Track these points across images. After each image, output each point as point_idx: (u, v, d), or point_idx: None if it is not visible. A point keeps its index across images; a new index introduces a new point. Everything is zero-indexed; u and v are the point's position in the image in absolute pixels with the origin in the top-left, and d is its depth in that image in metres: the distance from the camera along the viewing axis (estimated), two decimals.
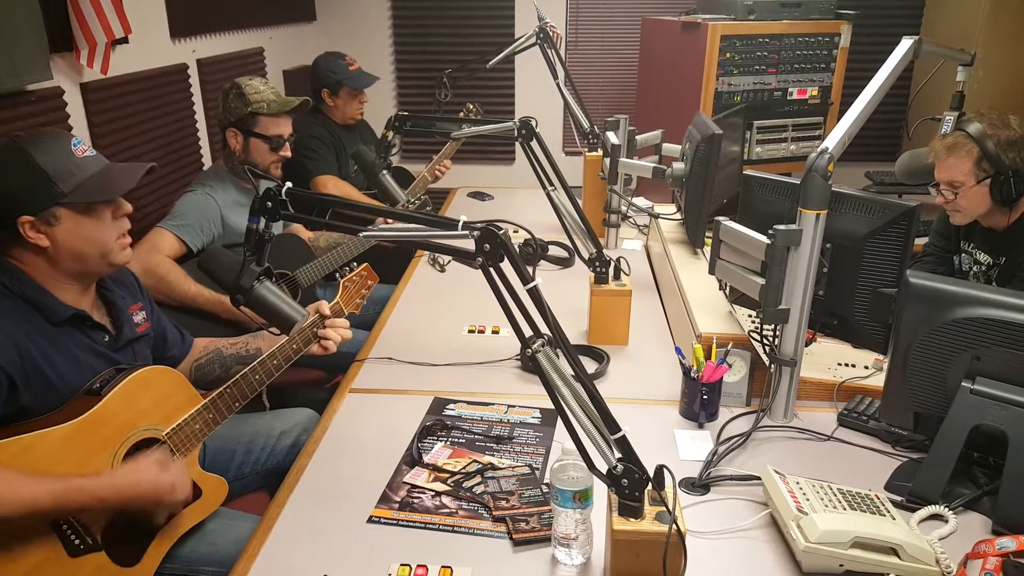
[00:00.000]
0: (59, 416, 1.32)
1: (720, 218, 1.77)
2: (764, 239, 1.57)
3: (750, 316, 1.90)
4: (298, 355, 1.67)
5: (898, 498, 1.43)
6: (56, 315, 1.39)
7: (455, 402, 1.81)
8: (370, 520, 1.41)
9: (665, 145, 2.92)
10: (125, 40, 2.31)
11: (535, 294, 1.20)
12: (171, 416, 1.47)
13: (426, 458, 1.58)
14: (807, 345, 1.67)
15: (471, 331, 2.20)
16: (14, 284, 1.36)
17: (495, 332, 2.19)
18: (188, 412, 1.49)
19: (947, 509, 1.39)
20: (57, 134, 1.43)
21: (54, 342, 1.38)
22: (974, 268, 2.22)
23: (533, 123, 2.24)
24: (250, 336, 1.79)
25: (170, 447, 1.46)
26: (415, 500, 1.46)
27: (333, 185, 3.07)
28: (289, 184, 1.40)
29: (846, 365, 1.85)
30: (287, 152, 2.40)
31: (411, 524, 1.40)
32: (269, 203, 1.39)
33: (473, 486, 1.49)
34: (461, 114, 3.26)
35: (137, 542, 1.40)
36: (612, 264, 2.07)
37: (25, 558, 1.24)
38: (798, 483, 1.37)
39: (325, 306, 1.72)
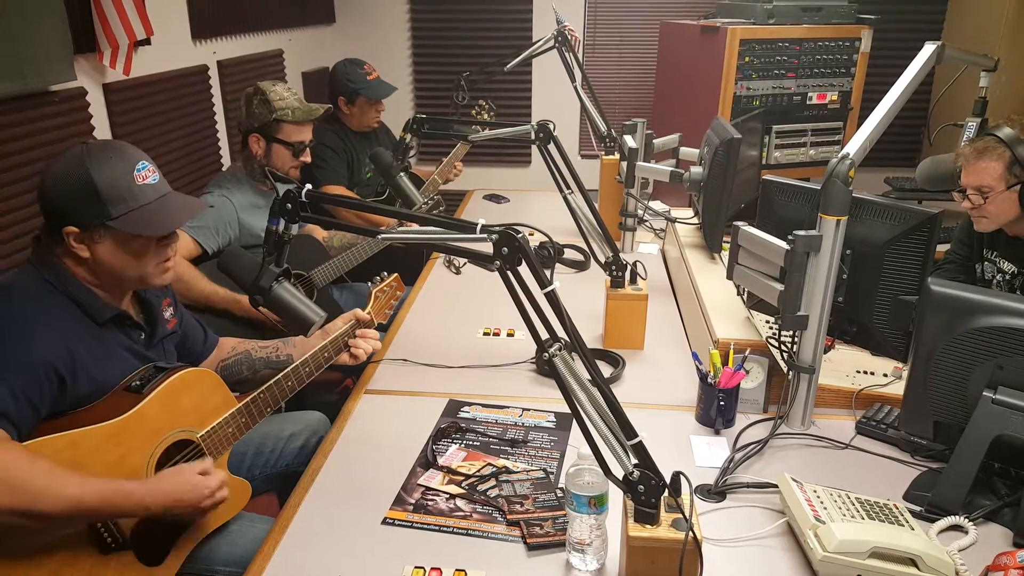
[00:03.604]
0: (99, 412, 1.34)
1: (738, 223, 1.76)
2: (783, 244, 1.56)
3: (768, 322, 1.89)
4: (329, 362, 1.69)
5: (917, 508, 1.41)
6: (100, 315, 1.41)
7: (470, 404, 1.81)
8: (384, 522, 1.41)
9: (683, 149, 2.91)
10: (147, 41, 2.34)
11: (553, 298, 1.20)
12: (207, 418, 1.48)
13: (441, 460, 1.58)
14: (825, 352, 1.66)
15: (486, 333, 2.20)
16: (60, 283, 1.38)
17: (510, 335, 2.19)
18: (223, 415, 1.50)
19: (967, 520, 1.37)
20: (126, 153, 1.42)
21: (99, 340, 1.40)
22: (997, 277, 2.19)
23: (551, 126, 2.24)
24: (280, 341, 1.80)
25: (204, 449, 1.47)
26: (429, 502, 1.46)
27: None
28: (309, 186, 1.41)
29: (865, 373, 1.83)
30: (307, 157, 2.42)
31: (425, 526, 1.40)
32: (289, 205, 1.40)
33: (487, 489, 1.49)
34: (473, 112, 3.26)
35: (162, 542, 1.41)
36: (628, 268, 2.06)
37: (58, 553, 1.26)
38: (815, 491, 1.35)
39: (363, 313, 1.74)
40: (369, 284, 1.94)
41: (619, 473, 1.18)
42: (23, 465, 1.18)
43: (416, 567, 1.29)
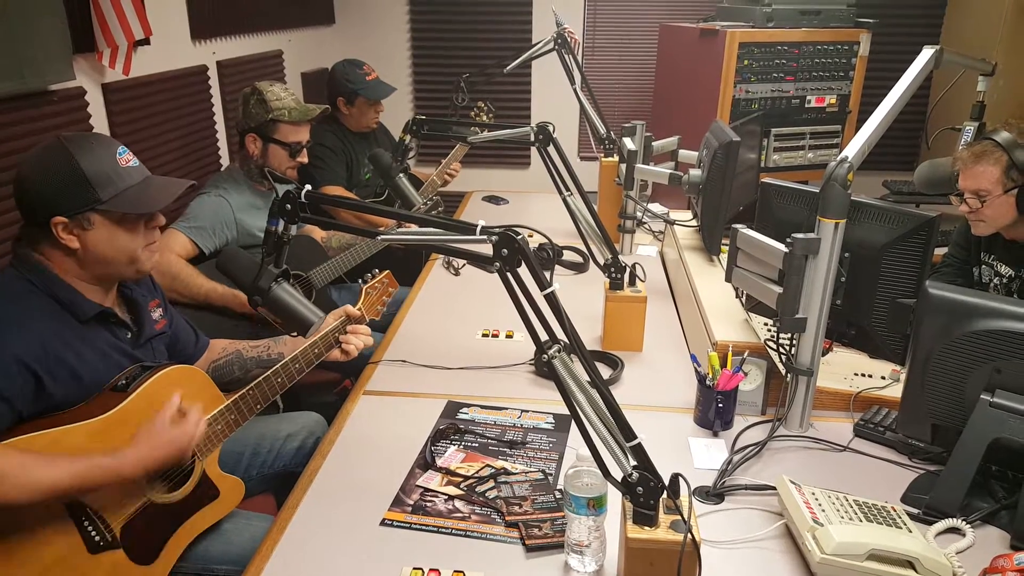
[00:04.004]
0: (85, 411, 1.34)
1: (737, 225, 1.76)
2: (782, 247, 1.56)
3: (766, 324, 1.89)
4: (319, 359, 1.68)
5: (915, 511, 1.42)
6: (83, 313, 1.41)
7: (468, 406, 1.81)
8: (383, 523, 1.41)
9: (682, 152, 2.91)
10: (147, 41, 2.34)
11: (552, 300, 1.20)
12: None
13: (439, 462, 1.58)
14: (824, 355, 1.66)
15: (485, 335, 2.20)
16: (42, 282, 1.37)
17: (509, 336, 2.19)
18: (211, 412, 1.50)
19: (965, 523, 1.38)
20: (104, 140, 1.44)
21: (82, 338, 1.39)
22: (995, 280, 2.20)
23: (550, 128, 2.24)
24: (271, 340, 1.80)
25: (193, 451, 1.46)
26: (428, 504, 1.46)
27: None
28: (308, 187, 1.41)
29: (863, 375, 1.84)
30: (304, 158, 2.41)
31: (424, 528, 1.40)
32: (289, 206, 1.40)
33: (486, 491, 1.49)
34: (472, 113, 3.26)
35: (154, 540, 1.41)
36: (627, 270, 2.06)
37: (45, 553, 1.25)
38: (813, 494, 1.36)
39: (353, 309, 1.73)
40: (360, 281, 1.94)
41: (618, 475, 1.18)
42: None
43: (415, 568, 1.29)
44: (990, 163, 1.99)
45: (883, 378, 1.82)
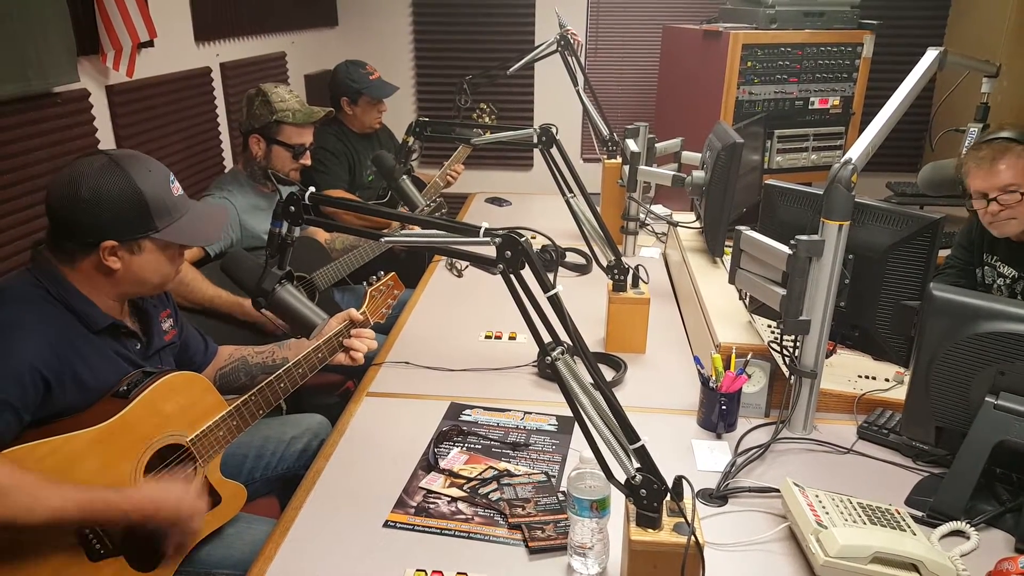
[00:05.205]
0: (87, 418, 1.33)
1: (741, 227, 1.76)
2: (786, 249, 1.56)
3: (770, 326, 1.89)
4: (323, 364, 1.67)
5: (919, 513, 1.41)
6: (95, 324, 1.41)
7: (471, 407, 1.81)
8: (386, 525, 1.41)
9: (685, 153, 2.91)
10: (150, 43, 2.34)
11: (555, 302, 1.20)
12: (196, 422, 1.47)
13: (442, 463, 1.58)
14: (827, 357, 1.66)
15: (488, 336, 2.20)
16: (58, 292, 1.37)
17: (512, 338, 2.19)
18: (213, 418, 1.49)
19: (969, 525, 1.37)
20: (156, 165, 1.44)
21: (91, 347, 1.39)
22: (998, 281, 2.19)
23: (553, 130, 2.24)
24: (276, 345, 1.79)
25: (194, 453, 1.46)
26: (431, 505, 1.46)
27: None
28: (312, 189, 1.41)
29: (867, 377, 1.83)
30: (307, 160, 2.42)
31: (427, 529, 1.40)
32: (292, 207, 1.40)
33: (489, 492, 1.49)
34: (475, 115, 3.26)
35: (153, 548, 1.40)
36: (630, 272, 2.06)
37: (48, 562, 1.25)
38: (817, 496, 1.35)
39: (356, 313, 1.73)
40: (365, 284, 1.93)
41: (621, 477, 1.18)
42: (4, 479, 1.17)
43: (418, 570, 1.29)
44: (1014, 157, 1.97)
45: (887, 380, 1.82)
